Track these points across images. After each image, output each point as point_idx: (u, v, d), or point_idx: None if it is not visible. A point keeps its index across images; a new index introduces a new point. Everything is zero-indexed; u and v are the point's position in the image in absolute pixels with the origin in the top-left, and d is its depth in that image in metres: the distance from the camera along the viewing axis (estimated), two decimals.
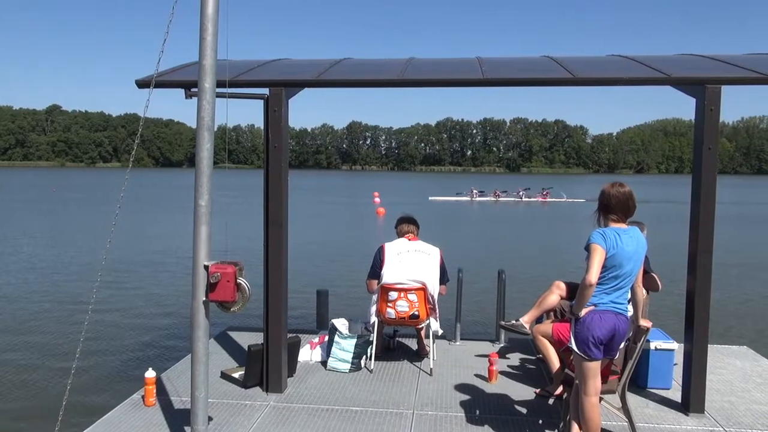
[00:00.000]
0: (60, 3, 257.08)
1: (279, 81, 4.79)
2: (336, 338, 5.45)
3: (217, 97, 3.57)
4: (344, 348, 5.41)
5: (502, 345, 6.30)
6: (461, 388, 5.08)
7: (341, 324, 5.58)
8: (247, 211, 26.22)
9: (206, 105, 3.45)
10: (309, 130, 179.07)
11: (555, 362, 4.80)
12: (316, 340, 5.89)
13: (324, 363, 5.55)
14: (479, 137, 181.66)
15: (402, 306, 5.35)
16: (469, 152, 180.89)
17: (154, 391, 4.66)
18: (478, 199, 46.20)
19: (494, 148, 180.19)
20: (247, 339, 6.22)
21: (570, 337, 3.67)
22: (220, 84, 3.61)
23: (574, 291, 5.31)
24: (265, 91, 4.81)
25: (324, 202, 40.10)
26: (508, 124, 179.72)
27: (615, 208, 3.60)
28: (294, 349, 5.24)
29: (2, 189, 52.28)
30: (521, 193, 46.17)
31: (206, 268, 3.48)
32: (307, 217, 27.45)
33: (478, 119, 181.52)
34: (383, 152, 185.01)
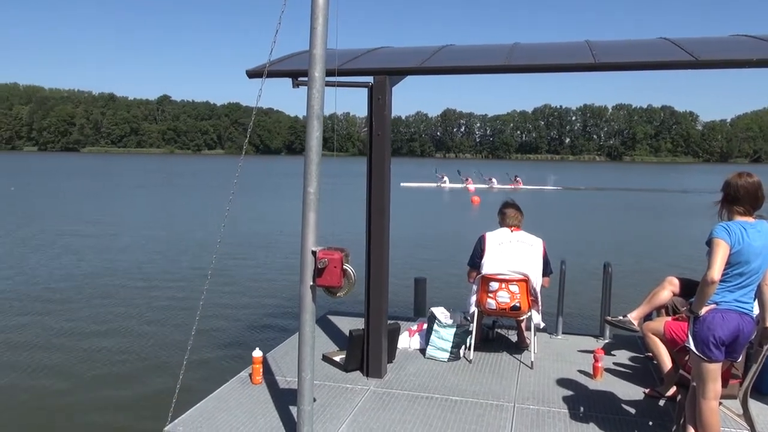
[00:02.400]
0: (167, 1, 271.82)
1: (383, 69, 4.80)
2: (435, 327, 5.45)
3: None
4: (443, 337, 5.40)
5: (606, 341, 6.06)
6: (564, 383, 4.94)
7: (440, 313, 5.56)
8: (346, 198, 26.75)
9: (316, 94, 3.51)
10: (403, 117, 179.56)
11: (667, 362, 4.55)
12: (415, 327, 5.91)
13: (422, 351, 5.57)
14: (578, 124, 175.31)
15: (503, 297, 5.26)
16: (568, 140, 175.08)
17: (261, 370, 4.86)
18: (449, 186, 44.69)
19: (594, 136, 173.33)
20: (346, 324, 6.35)
21: (687, 337, 3.47)
22: (327, 73, 3.66)
23: (688, 287, 5.03)
24: (369, 79, 4.85)
25: (417, 190, 40.13)
26: (610, 110, 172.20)
27: (743, 200, 3.35)
28: (394, 335, 5.29)
29: (120, 174, 56.20)
30: (493, 179, 44.33)
31: (314, 253, 3.56)
32: (402, 204, 27.59)
33: (577, 105, 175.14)
34: (477, 140, 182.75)
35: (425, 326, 5.75)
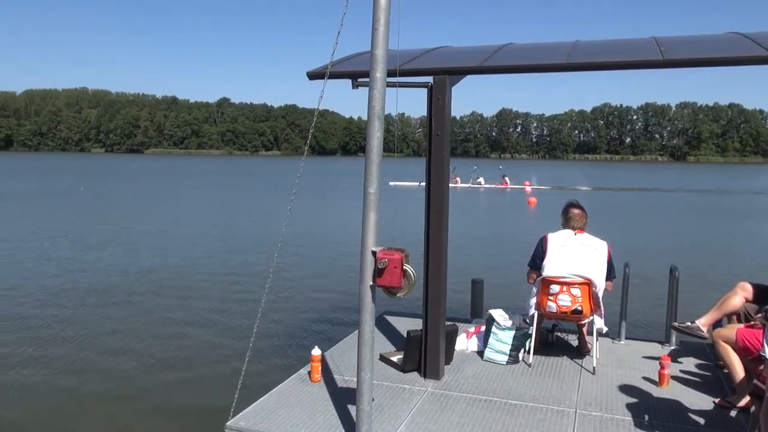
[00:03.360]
0: (226, 6, 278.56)
1: (443, 69, 4.78)
2: (493, 329, 5.38)
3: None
4: (502, 339, 5.33)
5: (672, 348, 5.85)
6: (627, 389, 4.79)
7: (499, 315, 5.49)
8: (403, 198, 26.81)
9: (377, 94, 3.52)
10: (458, 118, 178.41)
11: (739, 371, 4.35)
12: (472, 329, 5.85)
13: (480, 353, 5.51)
14: (640, 123, 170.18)
15: (564, 300, 5.15)
16: (628, 140, 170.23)
17: (320, 368, 4.91)
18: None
19: (657, 135, 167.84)
20: (403, 324, 6.35)
21: (763, 346, 3.30)
22: (388, 74, 3.67)
23: (762, 294, 4.80)
24: (429, 79, 4.83)
25: (474, 192, 39.81)
26: (673, 108, 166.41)
27: None
28: (452, 337, 5.25)
29: (183, 174, 57.99)
30: (479, 179, 43.07)
31: (374, 253, 3.56)
32: (458, 205, 27.42)
33: (638, 104, 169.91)
34: (534, 140, 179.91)
35: (483, 328, 5.69)
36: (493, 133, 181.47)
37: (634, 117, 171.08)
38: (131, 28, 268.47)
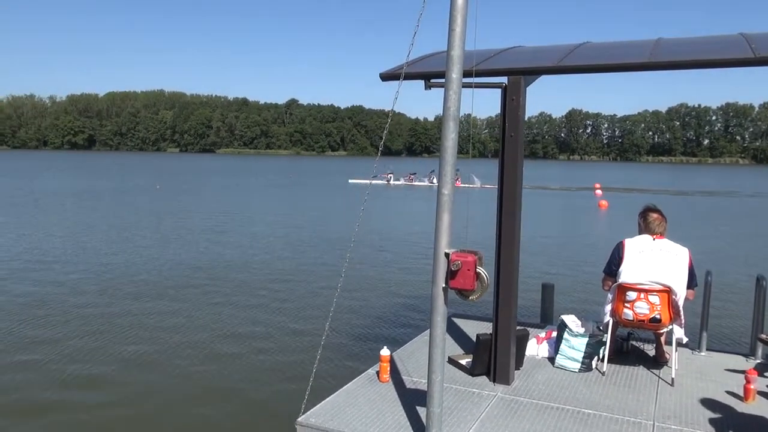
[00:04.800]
0: (292, 10, 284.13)
1: (518, 69, 4.70)
2: (566, 335, 5.25)
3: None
4: (574, 346, 5.19)
5: (759, 361, 5.53)
6: (709, 403, 4.57)
7: (572, 321, 5.35)
8: (469, 200, 26.60)
9: (452, 95, 3.50)
10: (526, 118, 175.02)
11: None
12: (543, 335, 5.73)
13: (551, 359, 5.38)
14: (719, 124, 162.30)
15: (641, 308, 4.96)
16: (706, 141, 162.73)
17: (388, 368, 4.92)
18: (393, 183, 45.69)
19: (738, 137, 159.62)
20: (472, 327, 6.29)
21: None
22: (463, 74, 3.63)
23: None
24: (503, 79, 4.76)
25: (542, 194, 39.05)
26: (756, 108, 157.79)
27: None
28: (522, 341, 5.16)
29: (255, 173, 59.57)
30: (433, 178, 43.95)
31: (447, 255, 3.54)
32: (525, 207, 26.93)
33: (717, 104, 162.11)
34: (605, 141, 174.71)
35: (554, 334, 5.56)
36: (562, 134, 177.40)
37: (713, 117, 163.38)
38: (206, 32, 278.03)
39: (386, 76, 4.95)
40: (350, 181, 46.53)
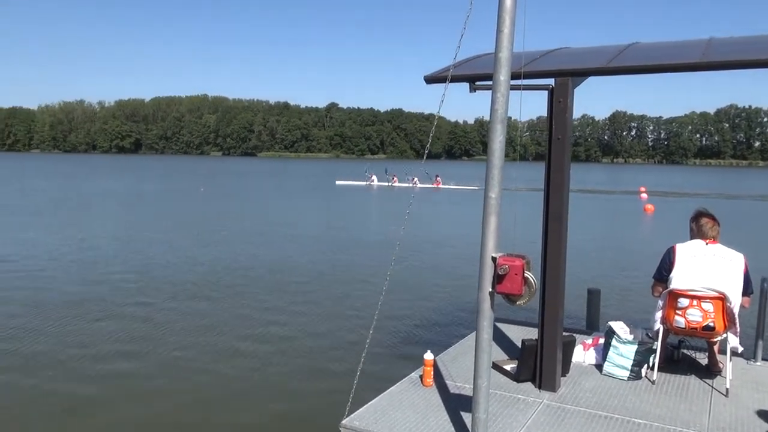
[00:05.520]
0: (333, 17, 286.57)
1: (566, 70, 4.62)
2: (614, 342, 5.13)
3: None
4: (623, 354, 5.07)
5: None
6: (766, 416, 4.40)
7: (620, 328, 5.23)
8: (516, 202, 26.30)
9: (500, 98, 3.46)
10: None
11: None
12: (590, 341, 5.61)
13: (599, 366, 5.27)
14: None
15: (693, 315, 4.81)
16: (757, 143, 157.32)
17: (432, 372, 4.89)
18: (376, 183, 47.86)
19: None
20: (516, 332, 6.21)
21: None
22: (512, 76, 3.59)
23: None
24: (550, 81, 4.69)
25: (585, 197, 38.38)
26: None
27: None
28: (569, 348, 5.06)
29: (295, 176, 60.22)
30: (415, 179, 44.90)
31: (494, 259, 3.50)
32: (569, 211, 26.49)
33: None
34: (650, 144, 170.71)
35: (601, 341, 5.45)
36: (605, 137, 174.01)
37: (765, 119, 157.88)
38: (248, 37, 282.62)
39: (431, 79, 4.93)
40: (338, 182, 48.80)
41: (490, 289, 3.53)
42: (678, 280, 4.86)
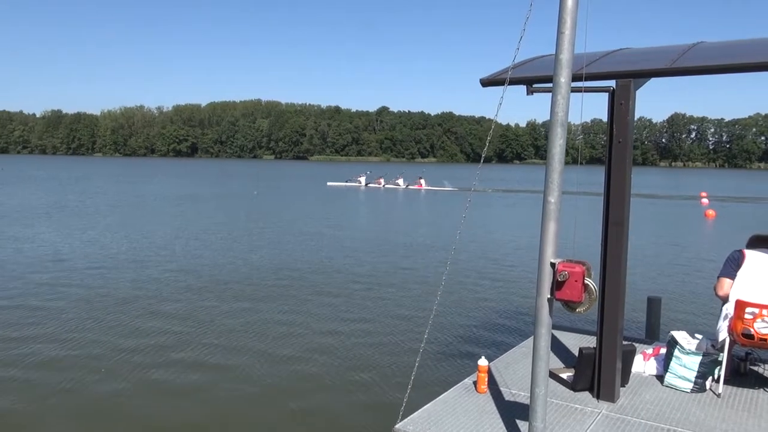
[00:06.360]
0: (385, 20, 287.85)
1: (627, 72, 4.50)
2: (676, 352, 4.95)
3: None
4: (686, 365, 4.88)
5: None
6: None
7: (682, 337, 5.04)
8: (573, 208, 25.82)
9: (561, 100, 3.39)
10: None
11: None
12: (650, 351, 5.44)
13: (660, 377, 5.09)
14: None
15: (763, 326, 4.60)
16: None
17: (486, 378, 4.83)
18: (365, 185, 49.52)
19: None
20: (572, 340, 6.07)
21: None
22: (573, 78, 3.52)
23: None
24: (611, 83, 4.58)
25: (643, 202, 37.31)
26: None
27: None
28: (628, 357, 4.91)
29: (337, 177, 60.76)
30: (399, 181, 48.01)
31: (553, 265, 3.43)
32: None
33: None
34: (711, 147, 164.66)
35: (662, 350, 5.27)
36: (663, 140, 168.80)
37: None
38: (300, 41, 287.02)
39: (487, 82, 4.88)
40: (329, 183, 50.78)
41: (549, 296, 3.46)
42: (746, 289, 4.66)
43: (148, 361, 7.23)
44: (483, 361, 4.84)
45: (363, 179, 50.93)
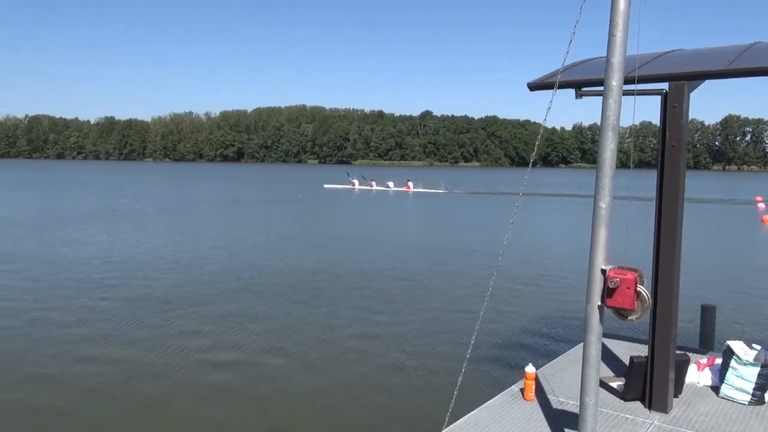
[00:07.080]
0: (430, 24, 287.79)
1: (681, 74, 4.38)
2: (733, 363, 4.79)
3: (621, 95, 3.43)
4: (743, 376, 4.71)
5: None
6: None
7: (740, 348, 4.87)
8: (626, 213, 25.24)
9: (612, 104, 3.33)
10: None
11: None
12: (705, 361, 5.27)
13: (715, 389, 4.93)
14: None
15: None
16: None
17: (533, 386, 4.77)
18: (358, 187, 51.08)
19: None
20: (622, 348, 5.94)
21: None
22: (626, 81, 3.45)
23: None
24: (663, 85, 4.47)
25: (696, 207, 36.20)
26: None
27: None
28: (682, 367, 4.78)
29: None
30: (390, 183, 50.06)
31: (603, 272, 3.37)
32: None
33: None
34: (767, 150, 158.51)
35: (717, 360, 5.10)
36: (716, 143, 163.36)
37: None
38: (344, 46, 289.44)
39: (535, 86, 4.83)
40: (325, 186, 52.28)
41: (599, 303, 3.40)
42: None
43: (189, 360, 7.41)
44: (530, 368, 4.78)
45: (356, 181, 53.25)
